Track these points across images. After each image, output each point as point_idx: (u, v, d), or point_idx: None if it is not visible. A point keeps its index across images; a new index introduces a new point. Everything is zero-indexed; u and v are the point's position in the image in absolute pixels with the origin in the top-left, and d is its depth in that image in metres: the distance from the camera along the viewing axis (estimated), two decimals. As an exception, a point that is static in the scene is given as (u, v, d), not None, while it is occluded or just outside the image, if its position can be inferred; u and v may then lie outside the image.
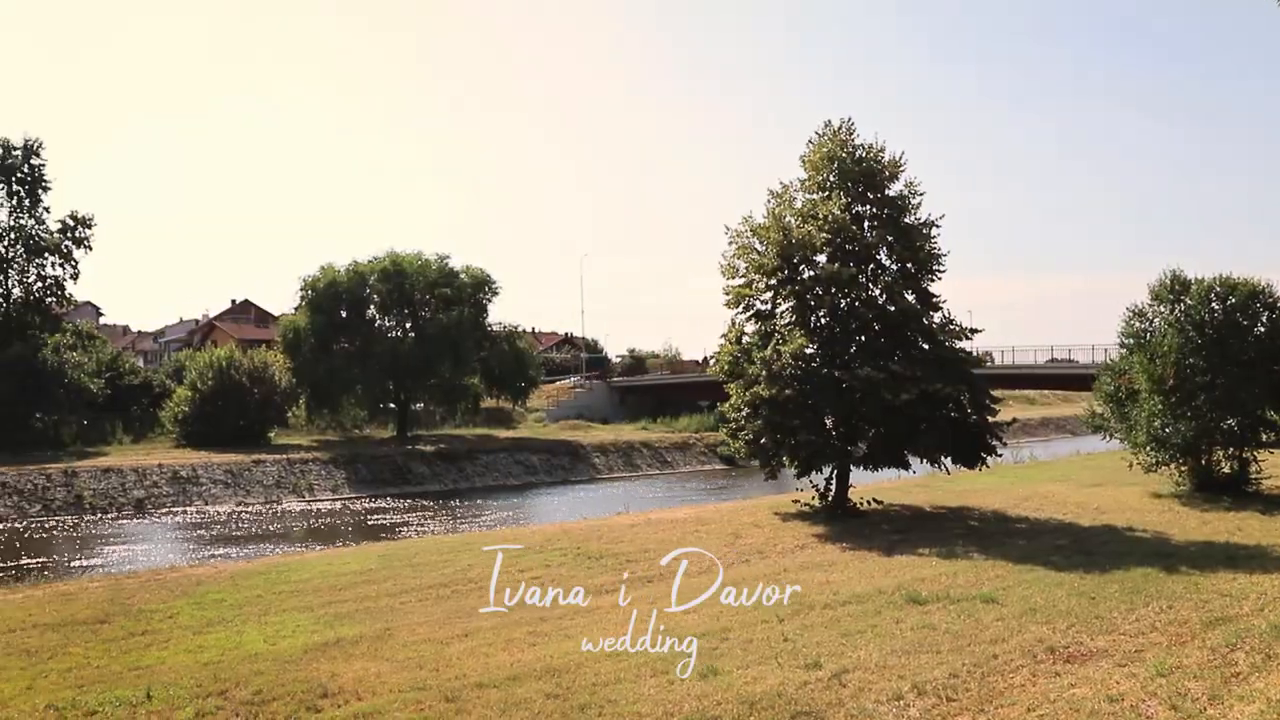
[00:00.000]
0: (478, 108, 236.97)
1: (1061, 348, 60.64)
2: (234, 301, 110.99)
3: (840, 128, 23.37)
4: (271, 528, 35.54)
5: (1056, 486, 27.05)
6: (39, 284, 52.33)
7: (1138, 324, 25.19)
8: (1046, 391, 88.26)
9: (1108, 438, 28.09)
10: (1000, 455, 24.55)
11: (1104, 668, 9.97)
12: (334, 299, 55.99)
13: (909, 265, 23.24)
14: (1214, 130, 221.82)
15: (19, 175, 50.81)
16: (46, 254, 51.82)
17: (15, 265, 51.56)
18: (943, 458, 22.96)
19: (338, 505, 41.91)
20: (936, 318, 23.36)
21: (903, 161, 23.22)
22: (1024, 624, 11.81)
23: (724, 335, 24.57)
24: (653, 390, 74.45)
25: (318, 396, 55.92)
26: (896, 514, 22.94)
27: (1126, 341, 25.73)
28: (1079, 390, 54.11)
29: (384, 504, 42.02)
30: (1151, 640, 10.99)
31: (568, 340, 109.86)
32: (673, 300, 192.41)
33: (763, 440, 22.62)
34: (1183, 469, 25.02)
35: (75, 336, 55.56)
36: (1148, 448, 24.81)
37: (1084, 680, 9.56)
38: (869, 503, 23.56)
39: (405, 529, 34.51)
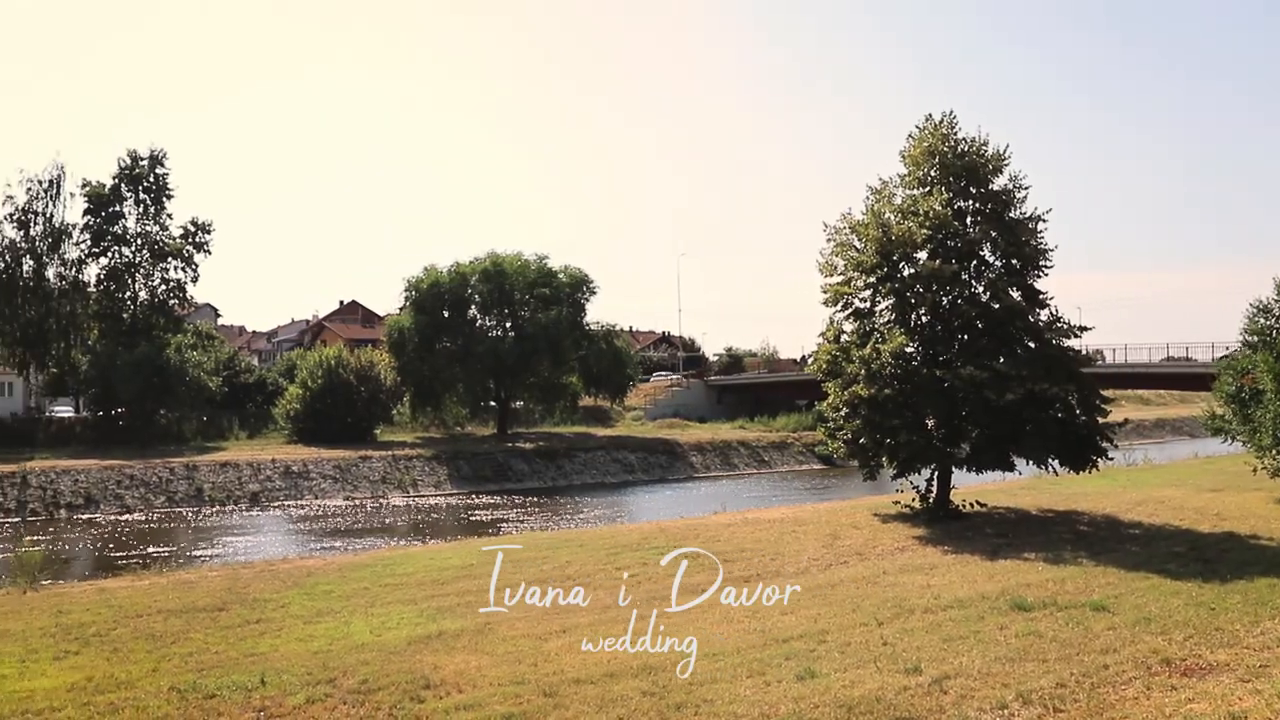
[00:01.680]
0: (580, 107, 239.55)
1: (1178, 345, 58.14)
2: (342, 302, 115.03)
3: (941, 121, 22.82)
4: (377, 522, 36.65)
5: (1172, 491, 25.89)
6: (163, 287, 55.24)
7: (1263, 320, 23.92)
8: (1162, 392, 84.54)
9: (1229, 440, 26.74)
10: (1111, 458, 23.60)
11: (1225, 683, 9.51)
12: (437, 299, 57.38)
13: (1013, 261, 22.53)
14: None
15: (145, 184, 53.69)
16: (170, 258, 54.66)
17: (142, 269, 54.52)
18: (1049, 460, 22.18)
19: (440, 501, 42.97)
20: (1043, 315, 22.62)
21: (1007, 155, 22.57)
22: (1137, 634, 11.35)
23: (822, 334, 24.27)
24: (750, 389, 74.05)
25: (421, 394, 57.41)
26: (1000, 517, 22.30)
27: (1250, 339, 24.45)
28: (1197, 390, 51.65)
29: (485, 500, 42.88)
30: (1278, 655, 10.43)
31: (665, 339, 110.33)
32: (770, 299, 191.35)
33: (862, 440, 22.27)
34: (1313, 474, 23.62)
35: (196, 337, 58.39)
36: (1274, 451, 23.49)
37: (1202, 695, 9.14)
38: (971, 505, 22.98)
39: (505, 525, 35.16)
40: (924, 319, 22.65)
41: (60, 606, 14.68)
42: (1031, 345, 22.17)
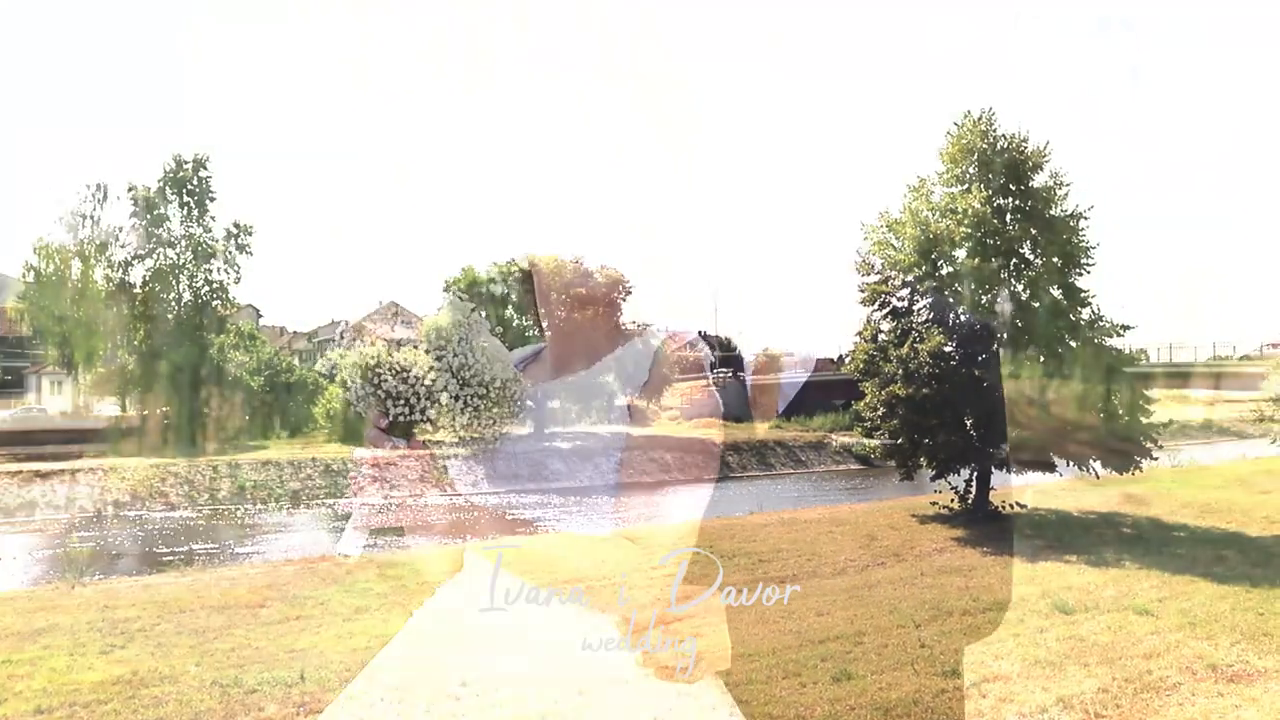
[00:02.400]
0: (613, 105, 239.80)
1: (1225, 344, 57.04)
2: (381, 303, 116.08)
3: (980, 118, 22.54)
4: (415, 520, 36.95)
5: (1219, 493, 25.40)
6: (206, 288, 56.15)
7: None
8: (1209, 391, 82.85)
9: (1277, 441, 26.20)
10: (1155, 459, 23.21)
11: (1274, 690, 9.32)
12: (474, 300, 57.88)
13: (1054, 259, 22.21)
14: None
15: (189, 187, 54.68)
16: (213, 260, 55.60)
17: (185, 271, 55.49)
18: (1091, 461, 21.86)
19: (477, 499, 43.23)
20: (1085, 314, 22.25)
21: (1047, 151, 22.25)
22: (1182, 639, 11.15)
23: (859, 333, 24.08)
24: (786, 388, 73.69)
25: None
26: (1041, 518, 22.01)
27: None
28: (1246, 390, 50.61)
29: (521, 499, 43.05)
30: (1328, 661, 10.19)
31: (701, 338, 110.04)
32: (807, 298, 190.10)
33: (900, 440, 22.11)
34: (1366, 476, 23.08)
35: (238, 337, 59.32)
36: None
37: (1250, 701, 8.96)
38: (1011, 506, 22.70)
39: (541, 524, 35.27)
40: (963, 318, 22.42)
41: (107, 602, 14.97)
42: (1073, 344, 21.85)
